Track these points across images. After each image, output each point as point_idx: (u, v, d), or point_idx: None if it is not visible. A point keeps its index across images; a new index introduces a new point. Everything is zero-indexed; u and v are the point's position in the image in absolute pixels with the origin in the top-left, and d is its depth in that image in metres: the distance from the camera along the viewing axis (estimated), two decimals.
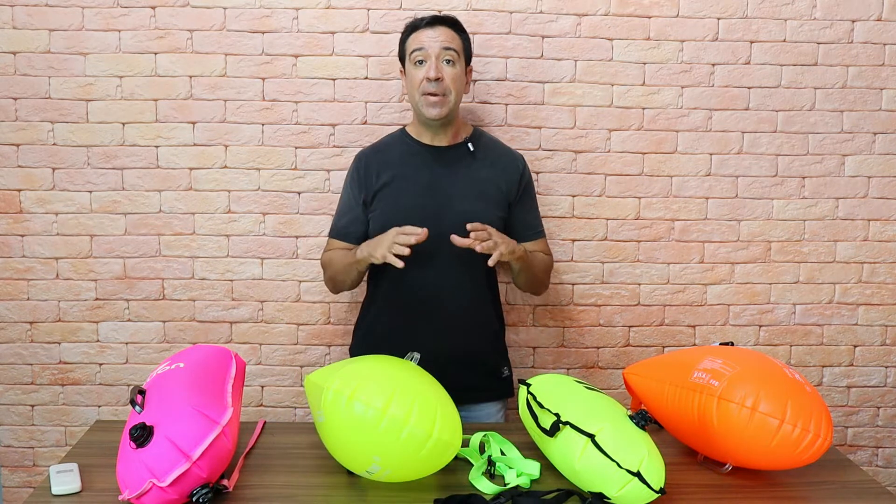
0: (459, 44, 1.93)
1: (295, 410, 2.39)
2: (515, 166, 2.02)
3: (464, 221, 1.83)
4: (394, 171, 1.97)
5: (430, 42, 1.88)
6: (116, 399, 2.36)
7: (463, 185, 1.95)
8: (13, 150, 2.26)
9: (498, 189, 1.98)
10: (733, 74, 2.30)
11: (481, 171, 1.97)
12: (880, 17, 2.29)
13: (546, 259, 2.08)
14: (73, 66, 2.23)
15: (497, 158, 2.01)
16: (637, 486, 1.33)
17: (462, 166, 1.97)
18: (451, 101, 1.90)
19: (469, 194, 1.94)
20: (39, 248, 2.29)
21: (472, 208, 1.92)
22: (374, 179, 1.97)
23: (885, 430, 2.46)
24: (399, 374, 1.44)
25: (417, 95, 1.90)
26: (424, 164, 1.97)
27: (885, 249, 2.39)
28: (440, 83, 1.87)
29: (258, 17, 2.23)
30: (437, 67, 1.87)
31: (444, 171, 1.96)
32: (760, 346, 2.41)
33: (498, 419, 2.06)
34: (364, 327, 2.07)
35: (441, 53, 1.88)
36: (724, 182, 2.34)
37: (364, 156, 2.03)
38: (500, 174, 1.99)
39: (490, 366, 2.04)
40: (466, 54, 1.96)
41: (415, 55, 1.90)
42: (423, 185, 1.95)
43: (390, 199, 1.95)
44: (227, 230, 2.31)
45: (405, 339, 1.89)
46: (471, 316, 1.99)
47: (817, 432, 1.40)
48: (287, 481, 1.49)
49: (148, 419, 1.33)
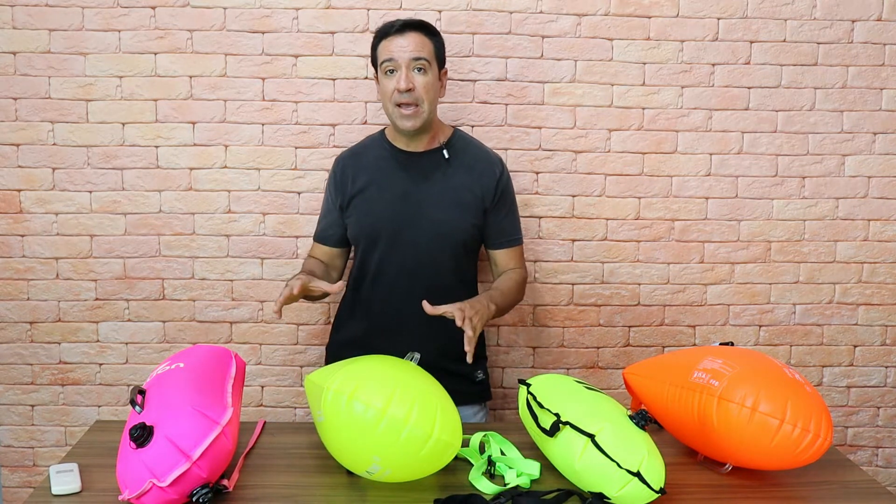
0: (431, 50, 1.88)
1: (295, 410, 2.40)
2: (492, 171, 1.97)
3: (437, 230, 1.85)
4: (368, 177, 1.96)
5: (399, 52, 1.84)
6: (116, 399, 2.36)
7: (437, 193, 1.93)
8: (13, 150, 2.26)
9: (473, 195, 1.94)
10: (733, 74, 2.30)
11: (456, 178, 1.94)
12: (880, 17, 2.29)
13: (515, 280, 1.99)
14: (73, 66, 2.23)
15: (473, 163, 1.97)
16: (637, 486, 1.33)
17: (437, 173, 1.94)
18: (425, 111, 1.87)
19: (442, 202, 1.92)
20: (39, 248, 2.29)
21: (445, 217, 1.91)
22: (350, 184, 1.97)
23: (885, 430, 2.46)
24: (399, 374, 1.44)
25: (391, 106, 1.87)
26: (399, 170, 1.95)
27: (885, 249, 2.39)
28: (412, 93, 1.84)
29: (258, 17, 2.23)
30: (408, 77, 1.83)
31: (418, 178, 1.94)
32: (760, 346, 2.41)
33: (478, 420, 2.04)
34: (341, 331, 2.06)
35: (411, 63, 1.84)
36: (724, 182, 2.34)
37: (342, 159, 2.03)
38: (476, 180, 1.95)
39: (464, 370, 1.96)
40: (439, 58, 1.91)
41: (385, 65, 1.86)
42: (396, 192, 1.94)
43: (364, 206, 1.95)
44: (227, 230, 2.31)
45: (380, 345, 1.78)
46: (443, 322, 1.89)
47: (817, 432, 1.40)
48: (287, 481, 1.49)
49: (148, 419, 1.33)
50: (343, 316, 2.06)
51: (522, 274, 2.03)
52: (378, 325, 1.97)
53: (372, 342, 1.89)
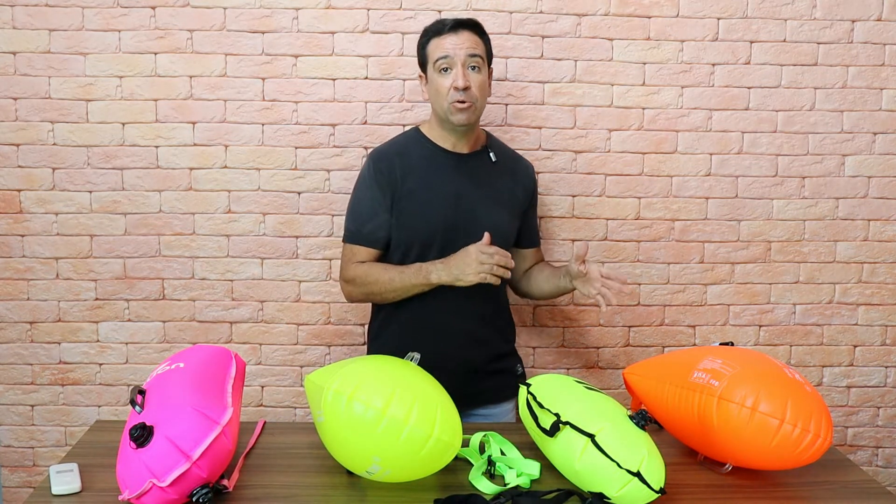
0: (483, 48, 1.86)
1: (295, 410, 2.40)
2: (529, 174, 2.05)
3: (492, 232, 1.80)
4: (418, 178, 1.89)
5: (455, 49, 1.81)
6: (116, 399, 2.36)
7: (486, 196, 1.92)
8: (13, 150, 2.26)
9: (514, 197, 1.98)
10: (733, 74, 2.30)
11: (500, 181, 1.96)
12: (880, 17, 2.29)
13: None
14: (73, 66, 2.23)
15: (514, 167, 2.01)
16: (637, 486, 1.33)
17: (483, 176, 1.94)
18: (479, 108, 1.86)
19: (492, 206, 1.93)
20: (39, 248, 2.29)
21: (496, 219, 1.91)
22: (399, 183, 1.88)
23: (885, 430, 2.46)
24: (399, 374, 1.44)
25: (445, 104, 1.83)
26: (448, 173, 1.91)
27: (885, 249, 2.39)
28: (468, 92, 1.81)
29: (258, 17, 2.23)
30: (465, 75, 1.80)
31: (468, 181, 1.92)
32: (760, 346, 2.41)
33: (510, 418, 2.04)
34: (384, 336, 1.98)
35: (467, 60, 1.82)
36: (724, 182, 2.34)
37: (385, 157, 1.92)
38: (518, 183, 1.99)
39: (508, 367, 2.04)
40: (489, 58, 1.91)
41: (440, 63, 1.82)
42: (448, 195, 1.89)
43: (416, 209, 1.88)
44: (227, 230, 2.31)
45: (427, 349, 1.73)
46: (493, 323, 1.99)
47: (817, 432, 1.40)
48: (287, 481, 1.49)
49: (148, 419, 1.33)
50: (387, 324, 1.97)
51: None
52: (429, 331, 1.90)
53: (425, 349, 1.73)
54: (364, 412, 1.35)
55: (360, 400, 1.36)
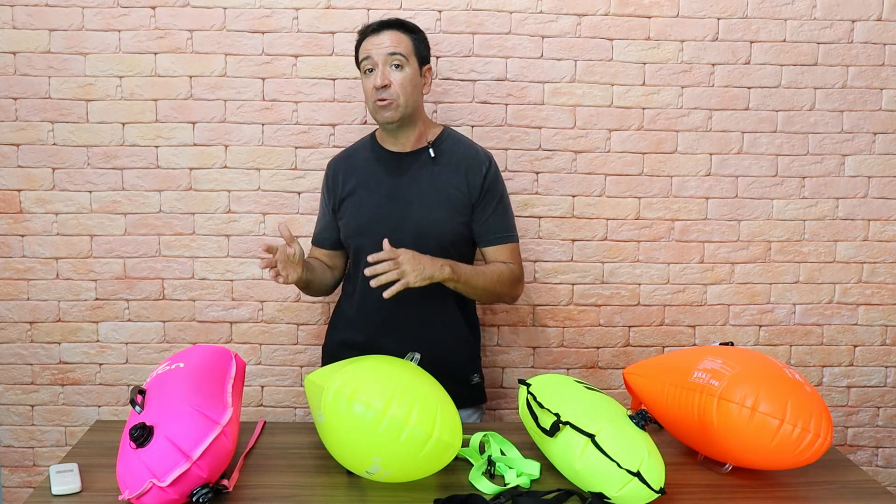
0: (408, 45, 1.88)
1: (295, 410, 2.40)
2: (479, 167, 1.94)
3: (422, 230, 1.85)
4: (357, 179, 1.98)
5: (375, 49, 1.86)
6: (116, 399, 2.36)
7: (423, 193, 1.92)
8: (13, 150, 2.26)
9: (460, 193, 1.92)
10: (733, 74, 2.30)
11: (442, 177, 1.93)
12: (880, 17, 2.29)
13: (500, 270, 1.92)
14: (73, 66, 2.23)
15: (460, 161, 1.94)
16: (637, 486, 1.33)
17: (423, 172, 1.93)
18: (402, 105, 1.86)
19: (429, 202, 1.91)
20: (39, 248, 2.29)
21: (430, 216, 1.91)
22: (341, 187, 2.00)
23: (885, 430, 2.46)
24: (399, 374, 1.44)
25: (370, 104, 1.90)
26: (386, 171, 1.96)
27: (885, 249, 2.39)
28: (387, 90, 1.85)
29: (258, 17, 2.23)
30: (384, 74, 1.84)
31: (405, 178, 1.94)
32: (760, 346, 2.41)
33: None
34: (337, 332, 2.06)
35: (388, 59, 1.85)
36: (724, 182, 2.34)
37: (333, 163, 2.06)
38: (463, 177, 1.93)
39: (459, 373, 1.99)
40: (419, 55, 1.90)
41: (364, 64, 1.89)
42: (383, 193, 1.94)
43: (353, 207, 1.97)
44: (227, 230, 2.31)
45: (375, 345, 1.82)
46: (437, 323, 1.95)
47: (817, 432, 1.40)
48: (287, 481, 1.49)
49: (148, 419, 1.33)
50: (339, 317, 2.07)
51: (513, 269, 1.95)
52: (372, 325, 1.96)
53: (367, 342, 1.92)
54: (364, 412, 1.35)
55: (360, 400, 1.36)
